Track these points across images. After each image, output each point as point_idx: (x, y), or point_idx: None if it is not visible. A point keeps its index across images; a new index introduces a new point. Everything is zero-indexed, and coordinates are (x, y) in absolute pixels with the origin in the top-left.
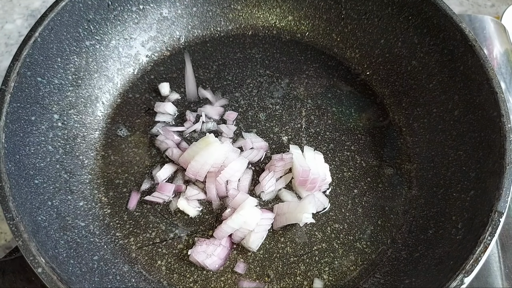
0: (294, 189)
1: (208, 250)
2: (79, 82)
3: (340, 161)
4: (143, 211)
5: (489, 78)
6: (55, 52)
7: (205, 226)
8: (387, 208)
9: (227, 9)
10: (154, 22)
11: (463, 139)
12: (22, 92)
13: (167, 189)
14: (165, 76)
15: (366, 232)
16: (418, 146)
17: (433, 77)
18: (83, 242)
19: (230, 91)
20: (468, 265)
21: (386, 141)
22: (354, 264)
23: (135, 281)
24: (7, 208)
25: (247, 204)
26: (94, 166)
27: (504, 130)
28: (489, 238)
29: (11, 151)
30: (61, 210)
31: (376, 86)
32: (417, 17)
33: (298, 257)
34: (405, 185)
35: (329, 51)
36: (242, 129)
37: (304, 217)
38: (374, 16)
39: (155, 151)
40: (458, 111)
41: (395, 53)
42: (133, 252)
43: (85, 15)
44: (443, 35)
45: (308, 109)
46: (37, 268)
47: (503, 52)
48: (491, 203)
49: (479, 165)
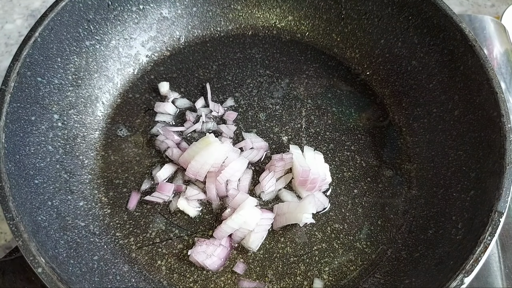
0: (294, 189)
1: (208, 251)
2: (79, 82)
3: (340, 161)
4: (143, 211)
5: (489, 78)
6: (55, 52)
7: (205, 226)
8: (387, 208)
9: (227, 9)
10: (154, 22)
11: (463, 139)
12: (22, 92)
13: (167, 189)
14: (165, 76)
15: (366, 232)
16: (418, 146)
17: (433, 77)
18: (83, 242)
19: (230, 91)
20: (468, 265)
21: (386, 141)
22: (354, 264)
23: (135, 281)
24: (7, 208)
25: (247, 204)
26: (94, 166)
27: (504, 130)
28: (489, 238)
29: (11, 151)
30: (61, 210)
31: (376, 86)
32: (417, 17)
33: (298, 257)
34: (405, 185)
35: (329, 51)
36: (242, 129)
37: (304, 217)
38: (374, 16)
39: (155, 151)
40: (458, 111)
41: (395, 53)
42: (133, 252)
43: (85, 15)
44: (443, 35)
45: (308, 109)
46: (37, 268)
47: (503, 52)
48: (491, 203)
49: (479, 165)
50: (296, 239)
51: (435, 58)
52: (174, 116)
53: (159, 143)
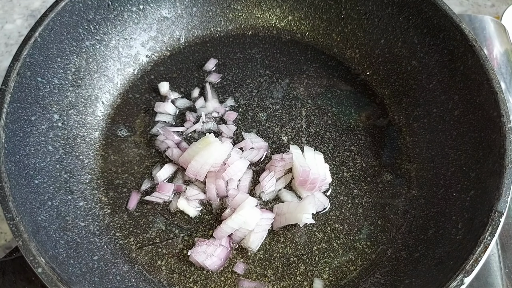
0: (294, 189)
1: (208, 251)
2: (79, 82)
3: (340, 161)
4: (143, 211)
5: (489, 78)
6: (55, 52)
7: (205, 226)
8: (387, 208)
9: (227, 9)
10: (154, 22)
11: (463, 139)
12: (22, 92)
13: (167, 189)
14: (165, 76)
15: (366, 232)
16: (418, 146)
17: (433, 77)
18: (83, 242)
19: (230, 91)
20: (468, 265)
21: (386, 141)
22: (354, 264)
23: (135, 281)
24: (7, 208)
25: (247, 204)
26: (94, 166)
27: (504, 130)
28: (489, 238)
29: (11, 151)
30: (61, 210)
31: (376, 86)
32: (417, 17)
33: (298, 257)
34: (405, 185)
35: (329, 51)
36: (242, 129)
37: (304, 218)
38: (374, 16)
39: (155, 151)
40: (458, 111)
41: (395, 53)
42: (133, 252)
43: (85, 15)
44: (443, 35)
45: (308, 109)
46: (37, 268)
47: (503, 52)
48: (491, 203)
49: (479, 165)
50: (296, 239)
51: (435, 58)
52: (174, 116)
53: (159, 143)
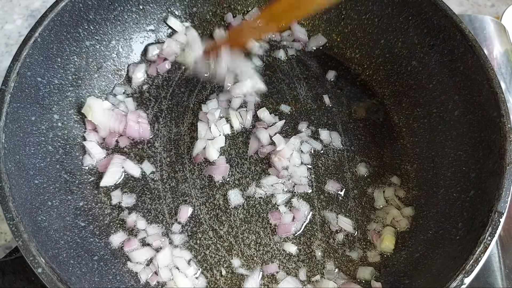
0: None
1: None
2: (79, 82)
3: (340, 161)
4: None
5: (489, 78)
6: (55, 52)
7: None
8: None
9: (227, 9)
10: (154, 22)
11: (463, 139)
12: (22, 92)
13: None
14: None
15: (366, 232)
16: (418, 146)
17: (433, 77)
18: (83, 242)
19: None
20: (468, 265)
21: (386, 141)
22: (354, 264)
23: (135, 281)
24: (7, 208)
25: None
26: (94, 166)
27: (504, 130)
28: (489, 238)
29: (11, 151)
30: (61, 210)
31: (376, 86)
32: (417, 17)
33: (298, 257)
34: (405, 185)
35: (329, 51)
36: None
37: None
38: (374, 16)
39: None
40: (458, 111)
41: (395, 53)
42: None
43: (85, 15)
44: (443, 35)
45: (308, 109)
46: (37, 268)
47: (503, 52)
48: (491, 203)
49: (479, 165)
50: (295, 240)
51: (435, 58)
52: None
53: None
